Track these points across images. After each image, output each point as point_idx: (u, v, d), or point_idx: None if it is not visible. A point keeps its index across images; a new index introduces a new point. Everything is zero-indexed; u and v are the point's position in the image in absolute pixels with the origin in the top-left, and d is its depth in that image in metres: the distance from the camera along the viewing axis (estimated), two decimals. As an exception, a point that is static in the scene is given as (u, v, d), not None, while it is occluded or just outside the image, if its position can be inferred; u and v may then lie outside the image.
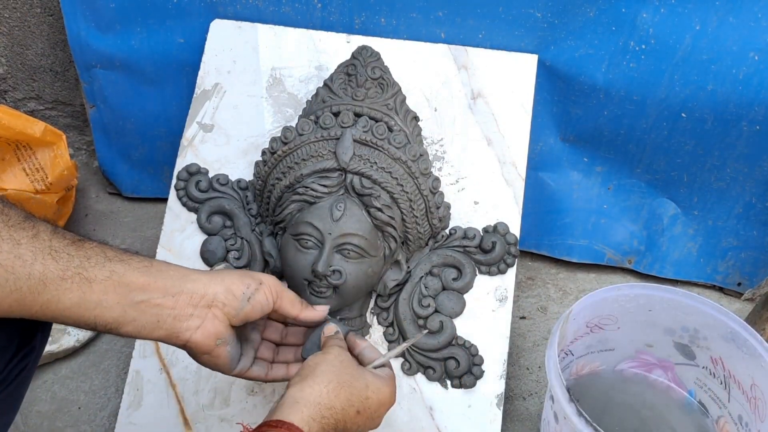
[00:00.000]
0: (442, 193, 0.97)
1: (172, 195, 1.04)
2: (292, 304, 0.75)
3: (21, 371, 0.69)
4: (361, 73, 0.95)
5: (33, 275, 0.60)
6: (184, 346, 0.69)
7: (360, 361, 0.75)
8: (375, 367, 0.75)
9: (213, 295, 0.68)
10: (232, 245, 1.00)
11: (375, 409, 0.71)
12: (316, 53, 1.08)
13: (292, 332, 0.81)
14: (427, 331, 0.93)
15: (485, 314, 0.96)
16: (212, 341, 0.69)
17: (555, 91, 1.11)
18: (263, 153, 0.96)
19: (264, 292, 0.72)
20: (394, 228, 0.91)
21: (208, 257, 1.01)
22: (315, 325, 0.79)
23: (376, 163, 0.91)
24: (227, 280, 0.70)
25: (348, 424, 0.68)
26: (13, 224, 0.60)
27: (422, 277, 0.97)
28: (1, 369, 0.66)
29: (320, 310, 0.78)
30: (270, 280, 0.73)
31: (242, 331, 0.75)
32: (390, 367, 0.76)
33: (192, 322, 0.67)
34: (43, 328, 0.71)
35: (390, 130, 0.94)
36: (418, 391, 0.95)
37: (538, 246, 1.27)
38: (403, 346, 0.82)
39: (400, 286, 0.96)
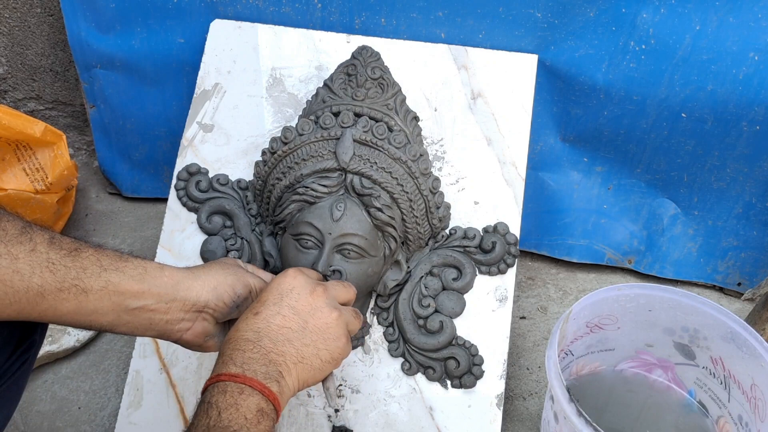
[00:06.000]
0: (442, 193, 0.97)
1: (172, 195, 1.04)
2: None
3: (22, 364, 0.71)
4: (361, 73, 0.95)
5: (31, 288, 0.62)
6: (175, 342, 0.74)
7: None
8: None
9: (204, 303, 0.72)
10: (232, 245, 1.00)
11: (276, 295, 0.69)
12: (316, 53, 1.08)
13: None
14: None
15: (485, 314, 0.96)
16: (201, 339, 0.74)
17: (555, 91, 1.11)
18: (263, 153, 0.96)
19: (252, 299, 0.75)
20: (394, 228, 0.91)
21: (208, 257, 1.00)
22: None
23: (376, 163, 0.90)
24: (219, 289, 0.73)
25: (264, 327, 0.66)
26: (10, 239, 0.62)
27: (422, 277, 0.97)
28: (3, 362, 0.68)
29: None
30: (259, 285, 0.76)
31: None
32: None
33: (183, 325, 0.72)
34: (42, 323, 0.73)
35: (390, 130, 0.94)
36: (418, 391, 0.95)
37: (538, 246, 1.27)
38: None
39: (400, 286, 0.96)
